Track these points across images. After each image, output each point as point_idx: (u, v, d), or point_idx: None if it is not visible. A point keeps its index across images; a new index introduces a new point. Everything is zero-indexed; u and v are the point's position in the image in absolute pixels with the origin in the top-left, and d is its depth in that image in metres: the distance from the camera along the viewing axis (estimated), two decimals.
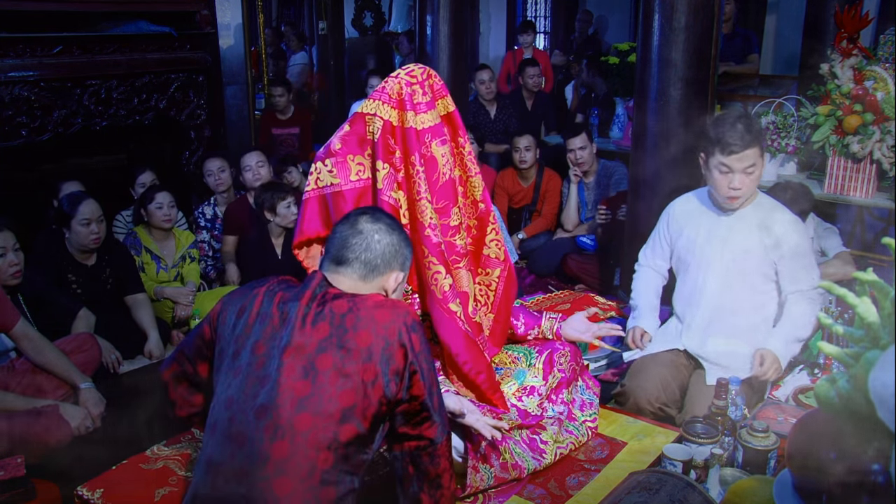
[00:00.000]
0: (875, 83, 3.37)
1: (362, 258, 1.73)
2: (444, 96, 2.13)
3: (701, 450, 2.08)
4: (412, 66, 2.11)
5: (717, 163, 2.49)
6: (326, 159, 2.09)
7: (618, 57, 5.74)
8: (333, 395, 1.56)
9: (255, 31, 6.20)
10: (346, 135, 2.09)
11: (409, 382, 1.62)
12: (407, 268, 1.82)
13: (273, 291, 1.72)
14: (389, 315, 1.63)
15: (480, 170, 2.27)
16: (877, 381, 1.14)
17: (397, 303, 1.70)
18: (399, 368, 1.60)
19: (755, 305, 2.67)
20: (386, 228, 1.76)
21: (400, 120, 2.05)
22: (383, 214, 1.80)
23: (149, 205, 3.87)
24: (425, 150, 2.06)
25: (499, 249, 2.30)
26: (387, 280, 1.76)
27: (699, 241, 2.69)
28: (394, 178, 2.06)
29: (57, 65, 4.06)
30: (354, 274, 1.73)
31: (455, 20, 4.80)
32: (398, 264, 1.77)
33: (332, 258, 1.75)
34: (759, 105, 4.03)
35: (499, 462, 2.08)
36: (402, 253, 1.78)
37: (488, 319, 2.31)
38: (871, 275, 1.25)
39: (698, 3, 3.41)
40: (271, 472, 1.53)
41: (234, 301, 1.75)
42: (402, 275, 1.79)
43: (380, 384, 1.58)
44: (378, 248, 1.74)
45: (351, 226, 1.75)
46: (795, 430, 1.39)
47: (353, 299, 1.66)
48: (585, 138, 4.67)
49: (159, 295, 3.83)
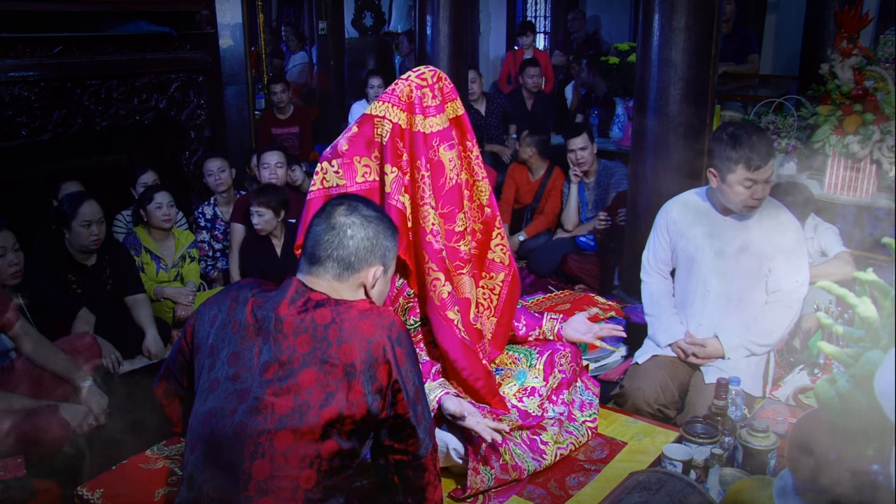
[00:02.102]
0: (875, 83, 3.37)
1: (335, 256, 1.63)
2: (454, 99, 2.13)
3: (701, 450, 2.08)
4: (422, 69, 2.09)
5: (742, 178, 2.48)
6: (333, 160, 2.09)
7: (618, 57, 5.74)
8: (315, 411, 1.49)
9: (255, 31, 6.21)
10: (353, 136, 2.09)
11: (393, 399, 1.57)
12: (389, 259, 1.70)
13: (245, 297, 1.64)
14: (374, 328, 1.55)
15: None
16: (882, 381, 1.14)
17: (383, 312, 1.60)
18: (382, 386, 1.54)
19: (757, 304, 2.68)
20: (361, 221, 1.65)
21: (408, 123, 2.04)
22: (361, 204, 1.69)
23: (148, 205, 3.86)
24: (432, 155, 2.05)
25: (503, 254, 2.30)
26: (365, 276, 1.66)
27: (700, 243, 2.69)
28: (402, 182, 2.05)
29: (57, 65, 4.06)
30: (328, 273, 1.64)
31: (455, 20, 4.80)
32: (377, 258, 1.67)
33: (307, 257, 1.66)
34: (759, 105, 4.03)
35: (499, 463, 2.08)
36: (380, 246, 1.67)
37: (491, 323, 2.31)
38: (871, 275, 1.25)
39: (698, 3, 3.41)
40: (253, 493, 1.48)
41: (206, 310, 1.68)
42: (381, 268, 1.68)
43: (363, 402, 1.52)
44: (352, 245, 1.63)
45: (325, 220, 1.65)
46: (795, 430, 1.39)
47: (337, 308, 1.57)
48: (586, 138, 4.67)
49: (159, 295, 3.83)
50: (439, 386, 2.05)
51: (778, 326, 2.66)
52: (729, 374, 2.42)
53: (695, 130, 3.58)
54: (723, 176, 2.52)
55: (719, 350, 2.65)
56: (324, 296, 1.61)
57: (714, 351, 2.66)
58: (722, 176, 2.53)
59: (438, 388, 2.03)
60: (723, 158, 2.50)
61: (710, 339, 2.68)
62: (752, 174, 2.47)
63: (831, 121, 3.46)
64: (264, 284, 1.70)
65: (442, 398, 2.00)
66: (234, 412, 1.53)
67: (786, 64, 6.57)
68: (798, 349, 3.04)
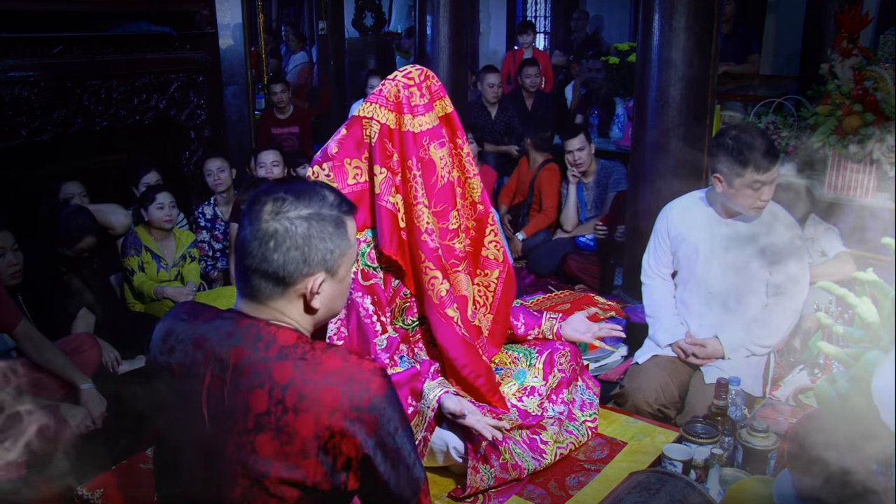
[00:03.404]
0: (875, 83, 3.37)
1: (261, 271, 1.34)
2: (442, 97, 2.12)
3: (701, 450, 2.08)
4: (409, 68, 2.09)
5: (750, 181, 2.47)
6: (324, 163, 2.08)
7: (618, 57, 5.74)
8: (279, 483, 1.30)
9: (255, 31, 6.20)
10: (342, 138, 2.08)
11: (367, 471, 1.35)
12: (335, 261, 1.38)
13: (187, 332, 1.40)
14: (340, 397, 1.29)
15: (481, 170, 2.26)
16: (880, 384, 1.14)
17: (356, 373, 1.32)
18: (349, 460, 1.32)
19: (758, 307, 2.68)
20: (286, 227, 1.33)
21: (397, 123, 2.04)
22: (291, 199, 1.35)
23: (149, 205, 3.87)
24: (423, 154, 2.05)
25: (497, 251, 2.30)
26: (304, 287, 1.36)
27: (701, 245, 2.69)
28: (392, 183, 2.05)
29: (57, 65, 4.06)
30: (261, 294, 1.37)
31: (455, 20, 4.81)
32: (316, 266, 1.36)
33: (239, 273, 1.39)
34: (759, 105, 4.03)
35: (499, 462, 2.08)
36: (317, 250, 1.35)
37: (487, 320, 2.31)
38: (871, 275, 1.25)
39: (698, 3, 3.42)
40: None
41: (155, 344, 1.46)
42: (323, 275, 1.37)
43: (328, 478, 1.31)
44: (277, 259, 1.33)
45: (250, 223, 1.35)
46: (795, 430, 1.39)
47: (301, 365, 1.31)
48: (584, 139, 4.67)
49: (159, 295, 3.83)
50: (439, 385, 2.04)
51: (778, 327, 2.66)
52: (729, 374, 2.42)
53: (695, 130, 3.58)
54: (730, 181, 2.51)
55: (719, 350, 2.65)
56: (291, 339, 1.35)
57: (714, 351, 2.66)
58: (729, 181, 2.52)
59: (438, 386, 2.03)
60: (729, 163, 2.49)
61: (711, 339, 2.68)
62: (760, 176, 2.47)
63: (831, 121, 3.46)
64: (209, 312, 1.44)
65: (442, 397, 2.00)
66: (194, 464, 1.37)
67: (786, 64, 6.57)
68: (798, 349, 3.04)
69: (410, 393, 2.02)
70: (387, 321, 2.10)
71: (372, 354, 2.05)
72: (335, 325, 2.07)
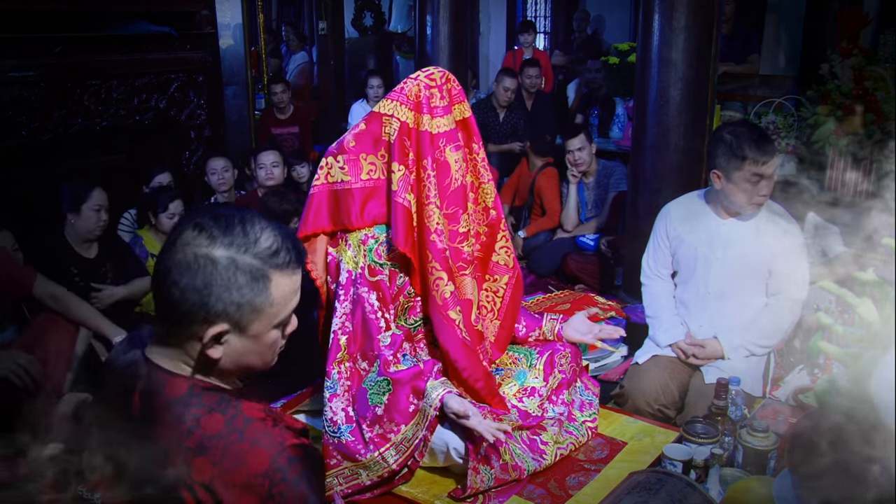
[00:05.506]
0: (875, 83, 3.37)
1: (162, 300, 1.17)
2: (461, 101, 2.13)
3: (701, 450, 2.08)
4: (431, 69, 2.11)
5: (749, 175, 2.48)
6: (339, 155, 2.10)
7: (618, 57, 5.75)
8: None
9: (255, 31, 6.20)
10: (360, 133, 2.09)
11: None
12: (248, 319, 1.18)
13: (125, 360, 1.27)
14: (210, 469, 1.15)
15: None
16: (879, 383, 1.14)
17: (233, 438, 1.16)
18: None
19: (757, 306, 2.68)
20: (194, 260, 1.14)
21: (416, 122, 2.05)
22: (220, 229, 1.16)
23: (161, 213, 3.83)
24: (438, 155, 2.06)
25: (508, 256, 2.31)
26: (203, 332, 1.17)
27: (700, 246, 2.69)
28: (408, 181, 2.06)
29: (57, 65, 4.06)
30: (162, 326, 1.21)
31: (455, 20, 4.81)
32: (218, 315, 1.15)
33: (156, 302, 1.22)
34: (759, 105, 4.03)
35: (499, 463, 2.08)
36: (220, 299, 1.14)
37: (494, 326, 2.31)
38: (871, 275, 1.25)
39: (698, 3, 3.42)
40: None
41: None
42: (226, 327, 1.17)
43: None
44: (174, 294, 1.14)
45: (166, 246, 1.19)
46: (795, 430, 1.39)
47: (231, 422, 1.17)
48: (584, 139, 4.67)
49: None
50: (442, 384, 2.05)
51: (778, 328, 2.66)
52: (729, 374, 2.42)
53: (695, 131, 3.58)
54: (728, 175, 2.52)
55: (719, 351, 2.65)
56: (181, 390, 1.20)
57: (714, 352, 2.66)
58: (727, 175, 2.53)
59: (440, 386, 2.04)
60: (727, 157, 2.50)
61: (710, 339, 2.68)
62: (758, 168, 2.47)
63: (831, 121, 3.46)
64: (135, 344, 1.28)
65: (444, 397, 2.01)
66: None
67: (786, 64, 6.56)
68: (798, 349, 3.04)
69: (412, 391, 2.03)
70: (391, 318, 2.11)
71: (375, 350, 2.05)
72: (340, 320, 2.08)
